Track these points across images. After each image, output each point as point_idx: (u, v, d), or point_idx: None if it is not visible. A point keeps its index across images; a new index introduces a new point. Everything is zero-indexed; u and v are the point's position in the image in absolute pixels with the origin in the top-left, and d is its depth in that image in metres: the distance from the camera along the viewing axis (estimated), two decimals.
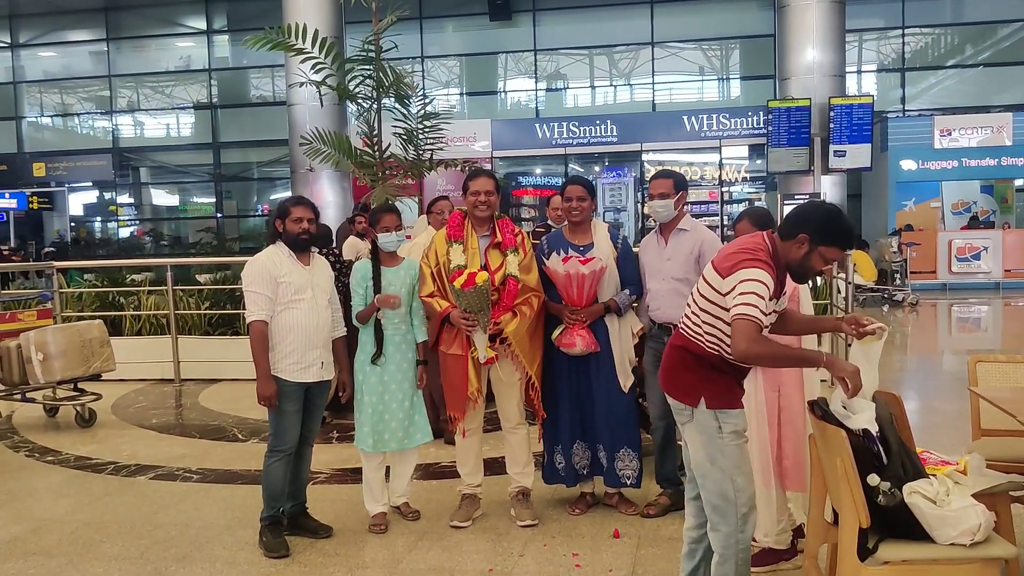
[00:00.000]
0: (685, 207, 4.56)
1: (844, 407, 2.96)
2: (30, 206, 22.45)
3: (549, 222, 6.77)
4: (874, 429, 2.85)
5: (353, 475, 5.37)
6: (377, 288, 4.53)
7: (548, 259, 4.54)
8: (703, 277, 3.18)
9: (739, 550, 3.14)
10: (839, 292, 8.19)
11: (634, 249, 4.79)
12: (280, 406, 4.25)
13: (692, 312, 3.19)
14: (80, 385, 7.26)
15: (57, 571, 4.16)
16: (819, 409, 3.00)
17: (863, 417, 2.88)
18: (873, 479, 2.80)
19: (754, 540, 3.81)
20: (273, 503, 4.35)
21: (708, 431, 3.14)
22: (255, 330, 4.19)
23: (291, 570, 4.09)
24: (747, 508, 3.13)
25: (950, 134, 17.13)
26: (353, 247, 6.89)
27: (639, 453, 4.62)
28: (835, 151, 14.75)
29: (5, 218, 22.78)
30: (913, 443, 3.19)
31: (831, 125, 14.69)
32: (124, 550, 4.41)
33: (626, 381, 4.58)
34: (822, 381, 4.21)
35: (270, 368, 4.19)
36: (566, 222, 4.76)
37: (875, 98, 15.57)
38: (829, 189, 14.82)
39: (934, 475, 2.91)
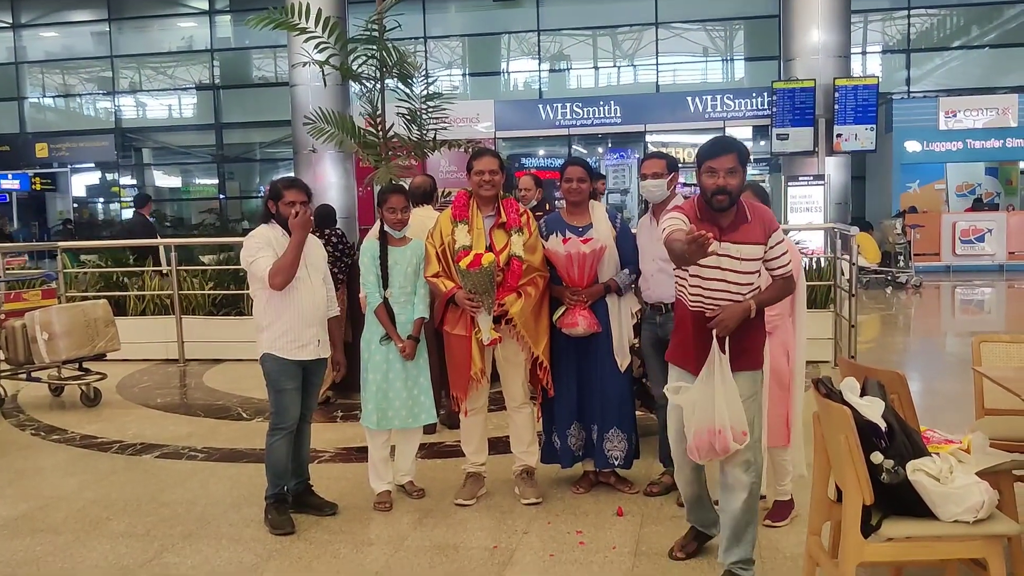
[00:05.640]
0: (677, 188, 4.57)
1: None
2: (33, 187, 22.43)
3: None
4: (882, 426, 2.86)
5: (358, 454, 5.40)
6: (383, 268, 4.53)
7: (547, 241, 4.54)
8: None
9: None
10: (843, 274, 8.18)
11: (632, 231, 4.79)
12: (279, 384, 4.29)
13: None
14: (85, 365, 7.28)
15: (64, 547, 4.19)
16: (823, 387, 3.01)
17: (872, 410, 2.87)
18: (877, 457, 2.80)
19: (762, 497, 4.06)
20: (277, 481, 4.38)
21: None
22: (274, 266, 4.16)
23: (296, 547, 4.12)
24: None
25: (955, 115, 17.05)
26: None
27: (628, 434, 4.63)
28: (839, 132, 14.70)
29: (8, 199, 22.77)
30: (917, 422, 3.21)
31: (836, 106, 14.62)
32: (131, 527, 4.44)
33: (623, 361, 4.60)
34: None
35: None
36: (564, 203, 4.76)
37: (880, 79, 15.47)
38: (833, 170, 14.75)
39: (937, 453, 2.92)
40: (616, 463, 4.64)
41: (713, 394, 3.27)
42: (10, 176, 22.24)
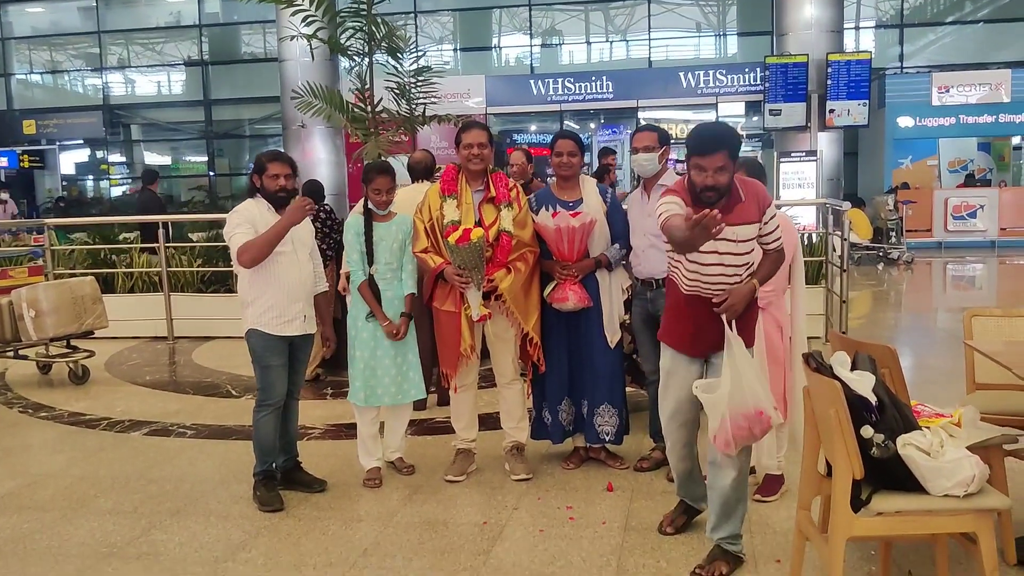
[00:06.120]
0: (668, 162, 4.52)
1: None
2: (21, 165, 22.24)
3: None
4: (872, 400, 2.83)
5: (347, 431, 5.38)
6: (368, 244, 4.48)
7: (537, 215, 4.50)
8: None
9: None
10: (835, 250, 8.16)
11: (623, 206, 4.75)
12: (265, 360, 4.25)
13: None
14: (73, 342, 7.23)
15: (52, 525, 4.17)
16: (813, 361, 2.99)
17: (863, 384, 2.85)
18: (867, 431, 2.78)
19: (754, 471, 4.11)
20: (265, 457, 4.35)
21: None
22: (247, 243, 4.09)
23: (286, 523, 4.10)
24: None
25: (948, 91, 17.01)
26: None
27: (619, 409, 4.62)
28: (832, 108, 14.66)
29: None
30: (908, 397, 3.19)
31: (828, 82, 14.57)
32: (118, 504, 4.42)
33: (613, 337, 4.57)
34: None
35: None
36: (554, 178, 4.71)
37: (873, 54, 15.41)
38: (826, 146, 14.72)
39: (928, 427, 2.90)
40: (606, 439, 4.63)
41: (742, 378, 3.20)
42: None
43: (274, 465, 4.45)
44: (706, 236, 2.95)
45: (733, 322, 3.30)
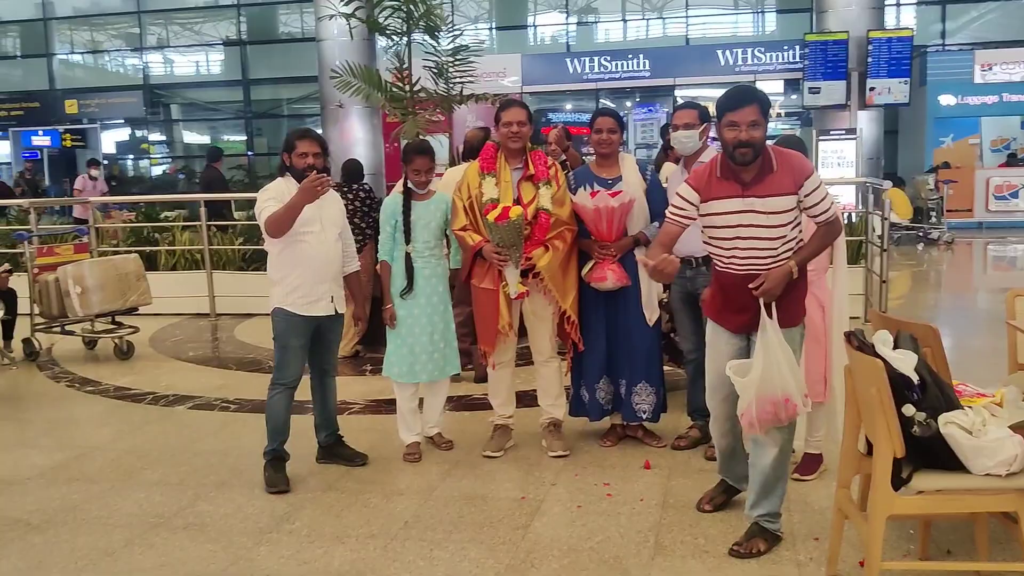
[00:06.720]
0: (708, 140, 4.50)
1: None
2: (63, 144, 22.57)
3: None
4: (915, 378, 2.82)
5: (387, 406, 5.44)
6: (407, 223, 4.52)
7: (575, 194, 4.50)
8: None
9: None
10: (874, 230, 8.09)
11: (663, 185, 4.74)
12: (285, 339, 4.26)
13: None
14: (118, 318, 7.38)
15: (100, 496, 4.27)
16: (855, 340, 2.98)
17: (905, 363, 2.84)
18: (908, 409, 2.78)
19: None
20: (276, 436, 4.34)
21: None
22: (272, 215, 4.06)
23: (328, 496, 4.17)
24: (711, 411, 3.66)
25: (991, 68, 16.69)
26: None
27: (656, 387, 4.63)
28: (872, 86, 14.44)
29: (40, 156, 22.93)
30: (950, 376, 3.17)
31: (869, 59, 14.32)
32: (165, 476, 4.52)
33: (651, 315, 4.57)
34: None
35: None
36: (593, 156, 4.71)
37: (915, 31, 15.14)
38: (866, 125, 14.49)
39: (970, 406, 2.89)
40: (644, 416, 4.65)
41: (773, 364, 3.19)
42: (41, 133, 22.39)
43: (322, 441, 4.55)
44: (662, 278, 3.28)
45: (772, 305, 3.29)
